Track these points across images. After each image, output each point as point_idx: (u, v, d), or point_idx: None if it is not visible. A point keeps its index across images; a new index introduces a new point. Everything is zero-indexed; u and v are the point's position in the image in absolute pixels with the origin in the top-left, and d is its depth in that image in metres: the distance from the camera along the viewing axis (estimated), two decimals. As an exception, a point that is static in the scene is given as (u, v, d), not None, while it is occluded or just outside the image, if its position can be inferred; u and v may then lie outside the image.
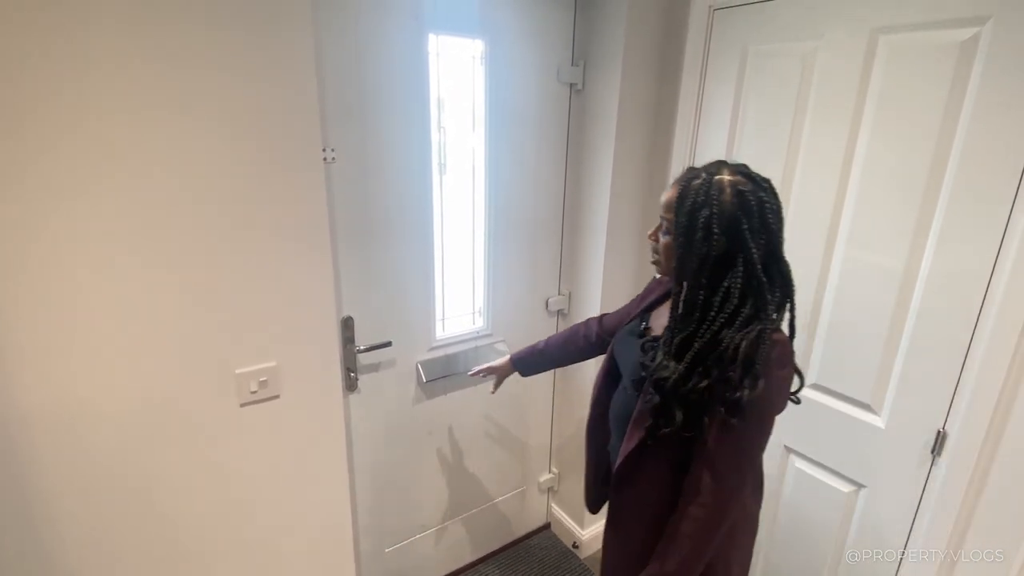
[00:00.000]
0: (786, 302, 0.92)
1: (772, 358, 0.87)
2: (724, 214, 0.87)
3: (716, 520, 0.93)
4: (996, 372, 1.09)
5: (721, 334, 0.88)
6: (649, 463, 1.00)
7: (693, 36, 1.55)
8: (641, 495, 1.03)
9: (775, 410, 0.92)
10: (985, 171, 1.08)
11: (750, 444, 0.93)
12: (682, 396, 0.90)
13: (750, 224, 0.87)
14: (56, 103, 0.88)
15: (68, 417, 1.01)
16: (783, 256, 0.92)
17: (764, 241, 0.88)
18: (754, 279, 0.88)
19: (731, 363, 0.86)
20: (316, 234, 1.18)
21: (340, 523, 1.43)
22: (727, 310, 0.88)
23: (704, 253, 0.88)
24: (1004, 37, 1.03)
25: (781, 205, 0.91)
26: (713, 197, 0.87)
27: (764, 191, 0.89)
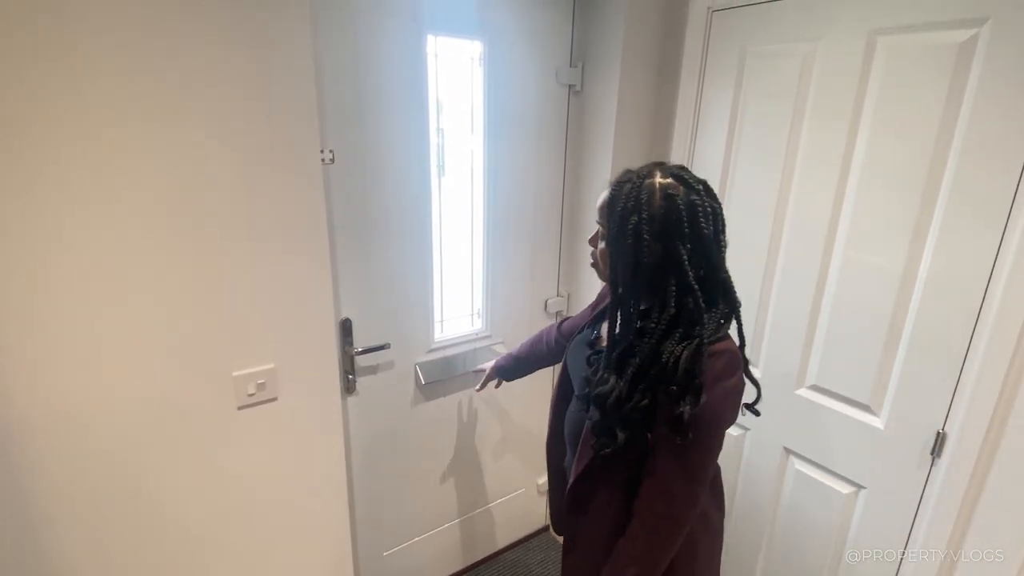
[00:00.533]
0: (729, 311, 0.88)
1: (716, 370, 0.84)
2: (654, 219, 0.83)
3: (665, 540, 0.90)
4: (995, 373, 1.09)
5: (661, 347, 0.84)
6: (601, 486, 0.96)
7: (691, 37, 1.55)
8: (594, 519, 0.99)
9: (723, 424, 0.89)
10: (983, 172, 1.08)
11: (699, 460, 0.89)
12: (624, 415, 0.87)
13: (678, 229, 0.83)
14: (56, 106, 0.88)
15: (65, 420, 1.00)
16: (721, 262, 0.87)
17: (694, 247, 0.84)
18: (685, 288, 0.84)
19: (671, 378, 0.83)
20: (314, 236, 1.18)
21: (338, 526, 1.42)
22: (663, 321, 0.85)
23: (635, 260, 0.85)
24: (1002, 38, 1.03)
25: (718, 209, 0.87)
26: (642, 202, 0.84)
27: (696, 194, 0.84)
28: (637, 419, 0.87)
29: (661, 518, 0.90)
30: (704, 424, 0.85)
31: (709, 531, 1.03)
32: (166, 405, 1.09)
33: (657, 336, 0.85)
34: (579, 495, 0.99)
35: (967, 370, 1.14)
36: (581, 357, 1.03)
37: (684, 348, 0.83)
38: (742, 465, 1.63)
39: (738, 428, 1.62)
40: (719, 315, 0.87)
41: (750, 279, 1.52)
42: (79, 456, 1.03)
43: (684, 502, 0.90)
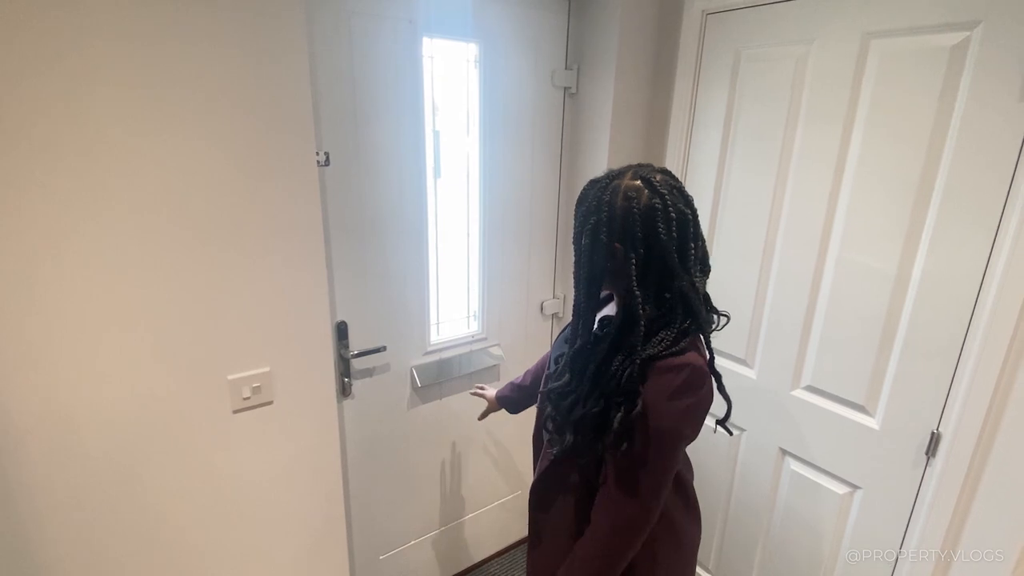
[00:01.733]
0: (694, 330, 0.85)
1: (673, 386, 0.82)
2: (612, 221, 0.81)
3: (612, 550, 0.89)
4: (989, 373, 1.10)
5: (612, 356, 0.83)
6: (559, 488, 0.97)
7: (686, 40, 1.56)
8: (554, 519, 0.99)
9: (679, 440, 0.87)
10: (975, 174, 1.09)
11: (651, 472, 0.86)
12: (576, 420, 0.86)
13: (631, 233, 0.81)
14: (51, 110, 0.87)
15: (59, 423, 0.99)
16: (681, 272, 0.83)
17: (648, 253, 0.81)
18: (630, 294, 0.82)
19: (620, 391, 0.82)
20: (309, 238, 1.17)
21: (334, 530, 1.41)
22: (613, 327, 0.84)
23: (590, 260, 0.83)
24: (993, 41, 1.04)
25: (687, 216, 0.83)
26: (604, 202, 0.83)
27: (659, 198, 0.81)
28: (589, 425, 0.86)
29: (610, 527, 0.89)
30: (652, 435, 0.83)
31: (674, 538, 1.00)
32: (161, 409, 1.08)
33: (607, 341, 0.84)
34: (540, 494, 1.01)
35: (961, 370, 1.15)
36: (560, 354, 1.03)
37: (630, 361, 0.81)
38: (738, 466, 1.64)
39: (734, 429, 1.63)
40: (677, 328, 0.84)
41: (745, 281, 1.52)
42: (73, 459, 1.02)
43: (634, 514, 0.88)
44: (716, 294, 1.62)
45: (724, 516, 1.70)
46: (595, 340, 0.88)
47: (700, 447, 1.73)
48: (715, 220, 1.59)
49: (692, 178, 1.64)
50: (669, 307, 0.84)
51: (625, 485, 0.87)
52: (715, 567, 1.76)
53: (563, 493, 0.99)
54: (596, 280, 0.86)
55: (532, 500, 1.03)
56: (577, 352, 0.89)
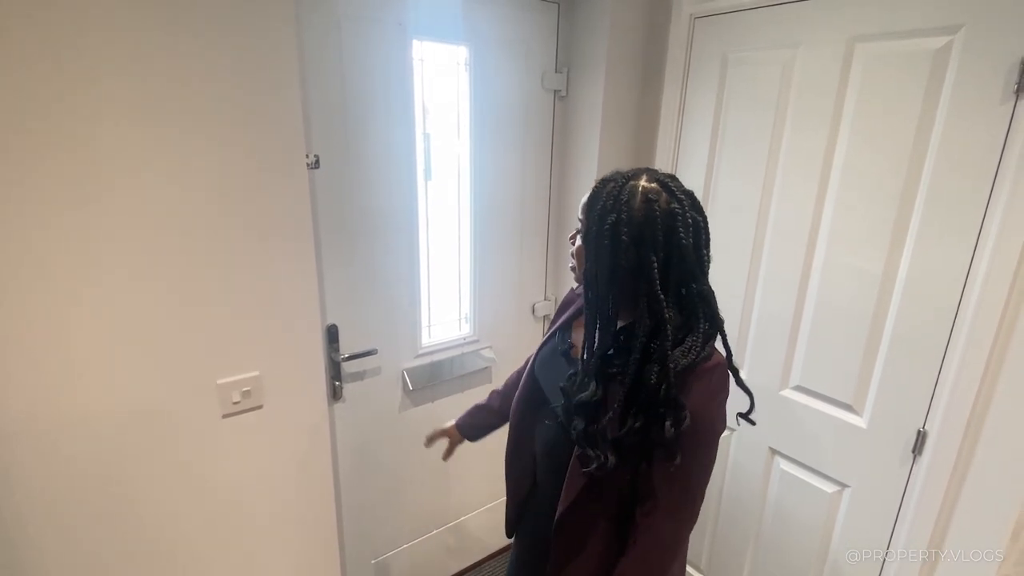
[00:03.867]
0: (712, 329, 0.85)
1: (712, 387, 0.83)
2: (632, 222, 0.80)
3: (671, 555, 0.90)
4: (973, 372, 1.12)
5: (645, 365, 0.82)
6: (594, 509, 0.93)
7: (674, 44, 1.57)
8: (585, 544, 0.96)
9: (716, 436, 0.88)
10: (959, 176, 1.11)
11: (698, 476, 0.88)
12: (616, 440, 0.84)
13: (653, 236, 0.80)
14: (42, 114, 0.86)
15: (45, 428, 0.98)
16: (700, 276, 0.84)
17: (668, 256, 0.81)
18: (653, 297, 0.81)
19: (657, 401, 0.81)
20: (299, 241, 1.17)
21: (326, 534, 1.41)
22: (643, 334, 0.82)
23: (611, 262, 0.82)
24: (975, 45, 1.06)
25: (700, 222, 0.84)
26: (622, 202, 0.81)
27: (678, 203, 0.81)
28: (633, 443, 0.84)
29: (658, 543, 0.89)
30: (702, 440, 0.84)
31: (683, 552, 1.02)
32: (149, 414, 1.07)
33: (639, 352, 0.83)
34: (572, 519, 0.95)
35: (946, 369, 1.17)
36: (555, 368, 0.99)
37: (665, 371, 0.80)
38: (728, 466, 1.65)
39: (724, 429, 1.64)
40: (702, 332, 0.84)
41: (734, 282, 1.53)
42: (59, 465, 1.01)
43: (687, 520, 0.89)
44: (706, 295, 1.64)
45: (715, 515, 1.71)
46: (623, 350, 0.85)
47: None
48: (704, 222, 1.60)
49: (681, 179, 1.64)
50: (690, 311, 0.84)
51: (677, 499, 0.87)
52: (707, 566, 1.77)
53: (594, 518, 0.94)
54: (616, 282, 0.84)
55: (559, 527, 0.96)
56: (600, 359, 0.86)
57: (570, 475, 0.92)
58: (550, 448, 1.00)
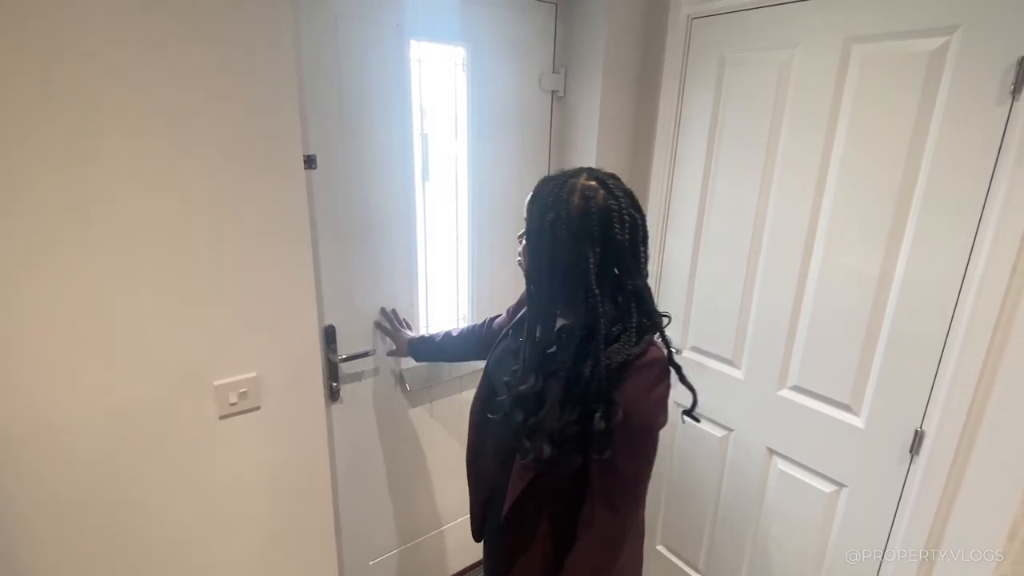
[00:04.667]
0: (650, 329, 0.88)
1: (649, 380, 0.85)
2: (570, 218, 0.82)
3: (615, 549, 0.91)
4: (970, 372, 1.12)
5: (583, 363, 0.84)
6: (540, 506, 0.95)
7: (672, 44, 1.57)
8: (533, 540, 0.97)
9: (654, 430, 0.90)
10: (956, 176, 1.11)
11: (636, 469, 0.90)
12: (554, 432, 0.86)
13: (590, 232, 0.82)
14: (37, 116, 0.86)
15: (42, 430, 0.97)
16: (636, 273, 0.86)
17: (604, 252, 0.83)
18: (590, 293, 0.83)
19: (591, 394, 0.83)
20: (296, 241, 1.17)
21: (324, 536, 1.40)
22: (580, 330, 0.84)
23: (550, 258, 0.84)
24: (972, 46, 1.07)
25: (638, 219, 0.86)
26: (561, 199, 0.84)
27: (615, 199, 0.84)
28: (569, 435, 0.86)
29: (602, 539, 0.90)
30: (636, 433, 0.86)
31: (639, 530, 1.04)
32: (146, 415, 1.07)
33: (575, 346, 0.85)
34: (517, 518, 0.97)
35: (943, 369, 1.17)
36: (507, 366, 0.99)
37: (599, 366, 0.82)
38: (726, 466, 1.65)
39: (722, 429, 1.64)
40: (635, 327, 0.86)
41: (732, 282, 1.54)
42: (57, 466, 1.00)
43: (628, 512, 0.91)
44: (703, 295, 1.64)
45: (713, 516, 1.71)
46: (562, 343, 0.88)
47: (688, 448, 1.74)
48: (701, 222, 1.61)
49: (679, 180, 1.65)
50: (624, 307, 0.86)
51: (614, 493, 0.88)
52: (705, 567, 1.77)
53: (540, 516, 0.96)
54: (557, 277, 0.86)
55: (505, 526, 0.98)
56: (542, 354, 0.89)
57: (514, 473, 0.94)
58: (499, 445, 1.01)
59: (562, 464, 0.88)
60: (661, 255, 1.73)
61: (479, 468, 1.12)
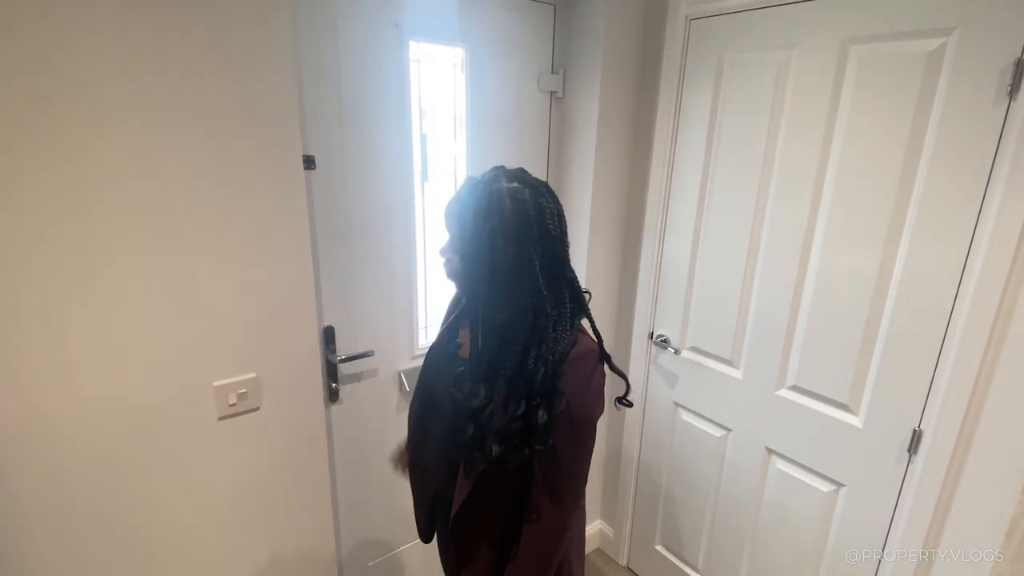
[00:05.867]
0: (580, 311, 0.90)
1: (587, 371, 0.87)
2: (507, 225, 0.83)
3: (559, 537, 0.94)
4: (968, 371, 1.13)
5: (526, 357, 0.86)
6: (487, 503, 0.97)
7: (670, 45, 1.58)
8: (483, 535, 1.00)
9: (594, 420, 0.92)
10: (953, 177, 1.12)
11: (579, 459, 0.93)
12: (501, 429, 0.87)
13: (529, 233, 0.84)
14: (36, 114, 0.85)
15: (38, 431, 0.97)
16: (567, 261, 0.90)
17: (544, 250, 0.85)
18: (537, 292, 0.85)
19: (536, 389, 0.84)
20: (295, 242, 1.17)
21: (323, 537, 1.40)
22: (525, 328, 0.86)
23: (492, 267, 0.85)
24: (969, 47, 1.07)
25: (560, 209, 0.88)
26: (494, 207, 0.84)
27: (543, 196, 0.86)
28: (514, 430, 0.87)
29: (554, 519, 0.93)
30: (578, 424, 0.89)
31: (581, 515, 1.07)
32: (145, 415, 1.06)
33: (521, 344, 0.86)
34: (465, 521, 0.98)
35: (940, 369, 1.18)
36: (445, 369, 1.00)
37: (543, 360, 0.85)
38: (724, 465, 1.65)
39: (720, 429, 1.64)
40: (568, 316, 0.89)
41: (730, 282, 1.54)
42: (56, 466, 1.00)
43: (571, 500, 0.94)
44: (702, 295, 1.64)
45: (712, 515, 1.72)
46: (503, 345, 0.89)
47: (687, 448, 1.75)
48: (700, 222, 1.61)
49: (677, 180, 1.65)
50: (559, 296, 0.89)
51: (558, 483, 0.91)
52: (704, 566, 1.78)
53: (489, 513, 0.98)
54: (500, 283, 0.86)
55: (456, 528, 0.99)
56: (487, 363, 0.89)
57: (461, 475, 0.95)
58: (442, 450, 1.02)
59: (509, 460, 0.89)
60: (660, 255, 1.74)
61: (421, 470, 1.12)
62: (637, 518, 1.98)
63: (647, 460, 1.89)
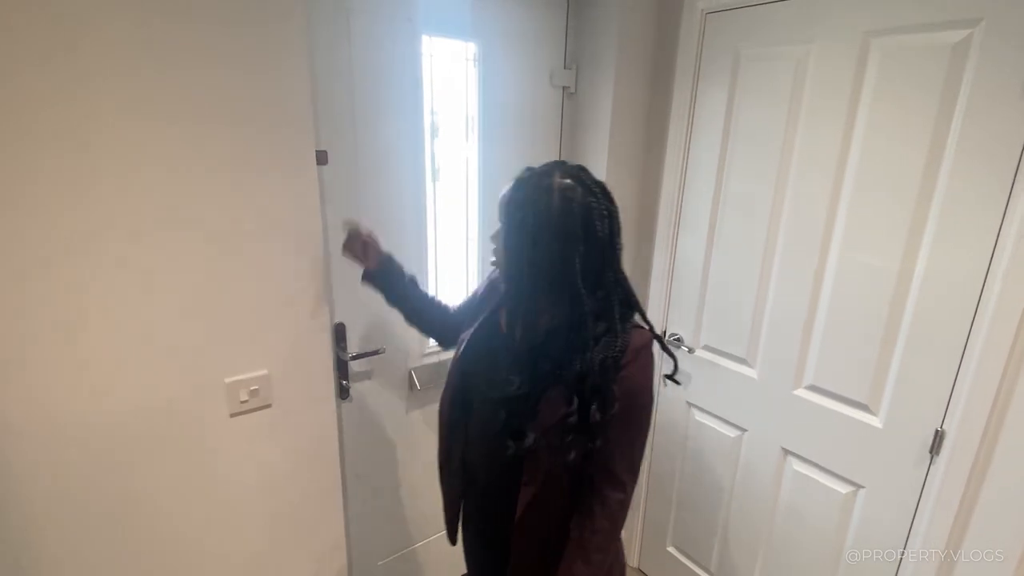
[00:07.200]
0: (629, 315, 0.90)
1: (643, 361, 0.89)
2: (551, 220, 0.83)
3: (621, 523, 0.97)
4: (992, 371, 1.10)
5: (571, 356, 0.86)
6: (551, 503, 0.97)
7: (685, 39, 1.56)
8: (546, 535, 0.99)
9: (651, 409, 0.96)
10: (978, 172, 1.09)
11: (640, 448, 0.96)
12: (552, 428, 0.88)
13: (573, 231, 0.83)
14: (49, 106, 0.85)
15: (51, 428, 0.96)
16: (616, 264, 0.89)
17: (588, 249, 0.84)
18: (576, 290, 0.84)
19: (589, 391, 0.86)
20: (308, 239, 1.16)
21: (333, 535, 1.39)
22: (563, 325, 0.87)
23: (531, 260, 0.85)
24: (995, 39, 1.05)
25: (614, 211, 0.88)
26: (541, 201, 0.84)
27: (593, 196, 0.85)
28: (571, 427, 0.88)
29: (616, 507, 0.94)
30: (641, 413, 0.92)
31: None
32: (157, 412, 1.06)
33: (561, 340, 0.87)
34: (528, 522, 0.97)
35: (964, 368, 1.15)
36: (486, 361, 1.00)
37: (589, 359, 0.85)
38: (740, 466, 1.63)
39: (735, 429, 1.62)
40: (618, 317, 0.88)
41: (746, 279, 1.52)
42: (67, 464, 0.99)
43: (631, 487, 0.96)
44: (717, 292, 1.62)
45: (726, 516, 1.69)
46: (548, 343, 0.89)
47: (701, 448, 1.73)
48: (716, 219, 1.59)
49: (692, 176, 1.63)
50: (606, 300, 0.88)
51: (620, 471, 0.93)
52: (716, 569, 1.75)
53: (552, 512, 0.97)
54: (540, 277, 0.86)
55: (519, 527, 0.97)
56: (525, 354, 0.90)
57: (527, 473, 0.95)
58: (490, 446, 1.00)
59: (570, 453, 0.89)
60: (674, 253, 1.72)
61: (453, 465, 1.12)
62: (648, 518, 1.96)
63: (659, 460, 1.87)
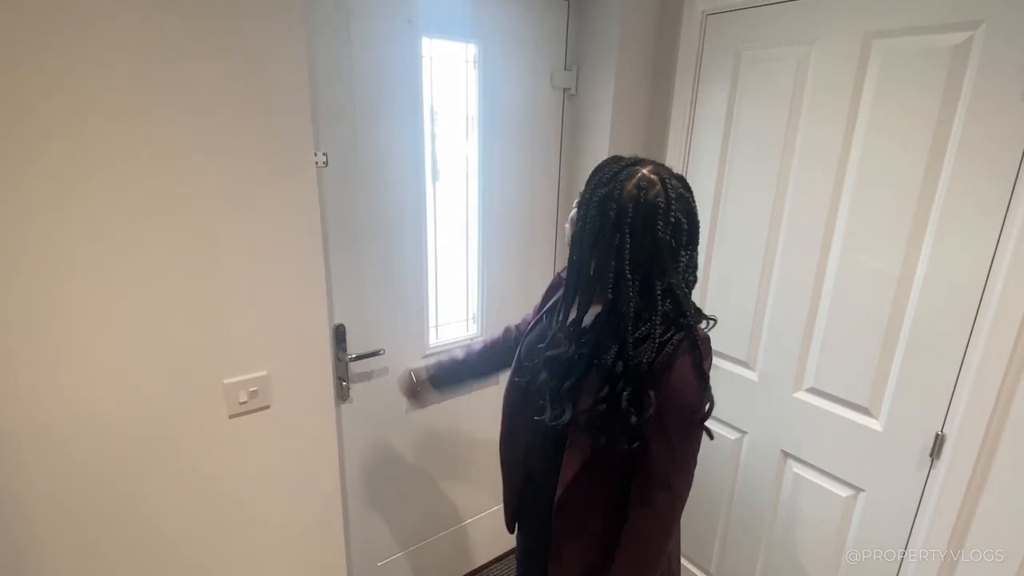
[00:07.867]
0: (673, 325, 0.88)
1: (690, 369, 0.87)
2: (620, 201, 0.84)
3: (672, 527, 0.96)
4: (993, 374, 1.09)
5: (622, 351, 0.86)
6: (593, 489, 0.97)
7: (686, 41, 1.56)
8: (585, 521, 0.99)
9: (702, 415, 0.92)
10: (979, 174, 1.09)
11: (693, 448, 0.95)
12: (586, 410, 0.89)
13: (633, 219, 0.84)
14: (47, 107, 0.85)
15: (51, 427, 0.97)
16: (672, 272, 0.86)
17: (642, 243, 0.84)
18: (618, 274, 0.85)
19: (622, 385, 0.86)
20: (307, 240, 1.16)
21: (332, 536, 1.39)
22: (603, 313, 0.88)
23: (594, 231, 0.86)
24: (996, 41, 1.04)
25: (686, 224, 0.86)
26: (619, 180, 0.85)
27: (664, 198, 0.84)
28: (599, 414, 0.89)
29: (665, 509, 0.94)
30: (693, 413, 0.90)
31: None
32: (155, 413, 1.06)
33: (598, 329, 0.88)
34: (568, 504, 0.97)
35: (965, 371, 1.14)
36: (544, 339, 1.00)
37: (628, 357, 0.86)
38: (739, 469, 1.62)
39: (735, 432, 1.62)
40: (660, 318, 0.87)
41: (746, 281, 1.51)
42: (66, 464, 1.00)
43: (684, 491, 0.95)
44: (717, 295, 1.62)
45: (726, 519, 1.69)
46: (592, 327, 0.91)
47: (701, 451, 1.72)
48: (716, 220, 1.58)
49: (692, 178, 1.62)
50: (652, 301, 0.87)
51: (669, 473, 0.92)
52: (716, 569, 1.75)
53: (594, 498, 0.97)
54: (596, 251, 0.88)
55: (559, 509, 0.98)
56: (576, 324, 0.92)
57: (568, 454, 0.95)
58: (551, 439, 1.01)
59: (619, 446, 0.89)
60: (673, 255, 1.71)
61: (513, 456, 1.13)
62: (649, 521, 1.95)
63: (659, 462, 1.87)
